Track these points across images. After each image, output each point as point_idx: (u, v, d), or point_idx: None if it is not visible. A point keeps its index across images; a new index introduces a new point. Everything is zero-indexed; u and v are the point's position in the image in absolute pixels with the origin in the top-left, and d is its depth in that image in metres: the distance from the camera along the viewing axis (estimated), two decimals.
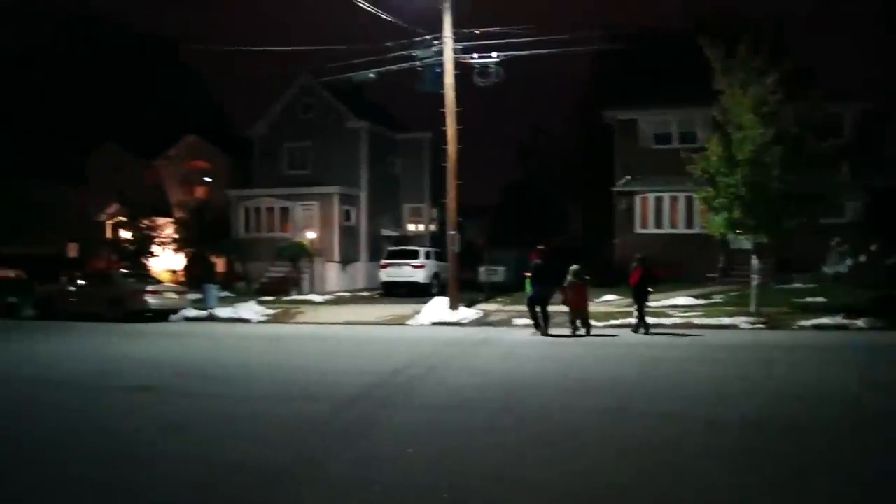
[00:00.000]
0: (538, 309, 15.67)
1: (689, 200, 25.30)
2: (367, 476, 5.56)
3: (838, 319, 16.32)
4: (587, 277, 15.71)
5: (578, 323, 15.56)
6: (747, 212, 17.32)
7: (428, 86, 21.77)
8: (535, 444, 6.43)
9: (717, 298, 20.96)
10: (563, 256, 18.41)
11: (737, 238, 19.43)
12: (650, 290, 16.21)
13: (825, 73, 26.22)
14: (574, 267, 15.62)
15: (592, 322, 15.96)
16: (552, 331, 15.64)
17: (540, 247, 16.48)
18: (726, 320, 17.12)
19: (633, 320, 16.62)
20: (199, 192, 38.51)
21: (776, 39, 17.53)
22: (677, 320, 17.53)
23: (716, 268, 25.40)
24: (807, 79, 17.94)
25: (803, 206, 17.20)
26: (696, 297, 21.00)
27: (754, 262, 18.11)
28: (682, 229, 27.08)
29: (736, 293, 20.95)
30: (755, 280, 17.93)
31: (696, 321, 17.34)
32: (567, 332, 15.56)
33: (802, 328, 16.18)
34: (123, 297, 21.48)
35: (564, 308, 15.80)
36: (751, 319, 16.99)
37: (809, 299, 19.21)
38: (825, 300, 18.85)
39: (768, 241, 18.20)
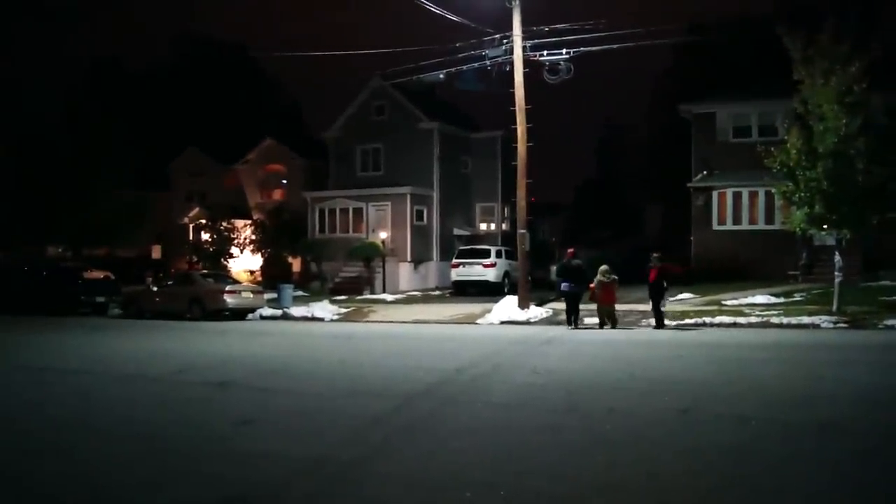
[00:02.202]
0: (572, 304, 17.20)
1: (769, 196, 24.37)
2: (426, 472, 5.60)
3: None
4: (614, 277, 16.84)
5: (606, 319, 16.79)
6: (829, 206, 16.67)
7: (469, 83, 21.83)
8: (598, 444, 6.34)
9: (797, 297, 20.17)
10: (639, 255, 18.16)
11: (819, 234, 18.66)
12: (665, 286, 16.73)
13: None
14: (603, 267, 16.85)
15: (666, 321, 16.63)
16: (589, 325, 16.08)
17: (570, 248, 18.51)
18: (806, 319, 16.49)
19: (709, 318, 16.65)
20: (276, 194, 39.56)
21: (865, 23, 16.78)
22: (754, 319, 16.99)
23: (797, 265, 24.42)
24: None
25: (890, 200, 16.41)
26: (775, 295, 20.28)
27: (837, 258, 17.36)
28: (761, 225, 26.06)
29: (818, 291, 20.10)
30: (838, 277, 17.18)
31: (775, 320, 16.77)
32: (600, 326, 16.90)
33: (889, 328, 15.43)
34: (203, 297, 22.26)
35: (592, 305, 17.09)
36: (832, 318, 16.29)
37: None
38: None
39: (852, 236, 17.42)
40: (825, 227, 17.39)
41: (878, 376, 9.66)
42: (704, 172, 27.51)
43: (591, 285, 16.99)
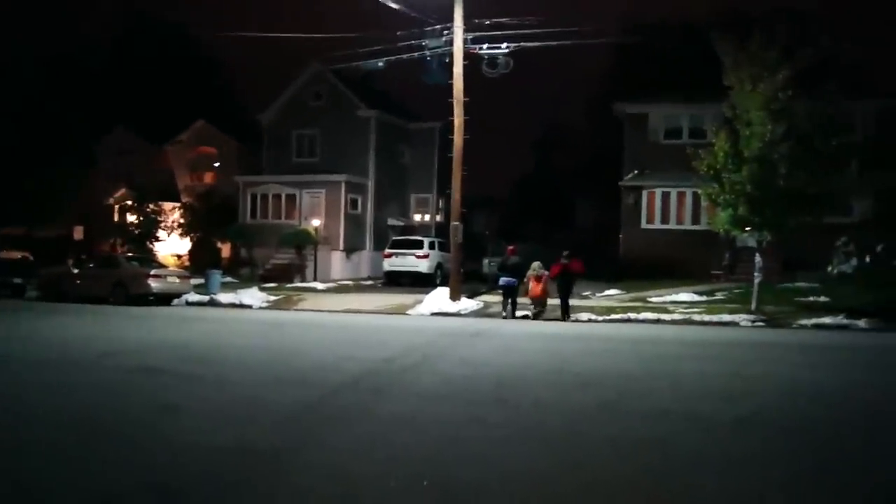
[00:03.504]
0: (508, 297, 18.41)
1: (696, 197, 25.17)
2: (351, 462, 5.56)
3: (840, 319, 16.24)
4: (545, 272, 18.15)
5: (537, 306, 18.21)
6: (752, 209, 17.26)
7: (435, 76, 21.74)
8: (525, 435, 6.41)
9: (719, 295, 20.92)
10: (569, 250, 18.56)
11: (742, 235, 19.35)
12: (571, 283, 18.21)
13: (851, 67, 25.96)
14: (535, 263, 18.10)
15: (593, 316, 17.91)
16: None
17: (510, 246, 19.62)
18: (726, 317, 17.10)
19: (633, 315, 17.33)
20: (207, 177, 38.67)
21: (795, 32, 17.34)
22: (677, 316, 17.49)
23: (721, 265, 25.31)
24: (823, 74, 17.80)
25: (810, 204, 17.10)
26: (699, 293, 20.96)
27: (757, 259, 18.04)
28: (688, 225, 27.07)
29: (739, 290, 20.89)
30: (758, 278, 17.85)
31: (697, 317, 17.31)
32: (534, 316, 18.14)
33: (803, 327, 16.11)
34: (127, 281, 21.59)
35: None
36: (751, 317, 16.93)
37: (812, 299, 19.14)
38: (828, 300, 18.77)
39: (773, 239, 18.12)
40: (748, 228, 18.02)
41: (794, 372, 10.05)
42: (636, 172, 28.25)
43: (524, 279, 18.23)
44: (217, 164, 38.50)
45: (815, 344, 13.56)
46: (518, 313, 18.46)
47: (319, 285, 27.46)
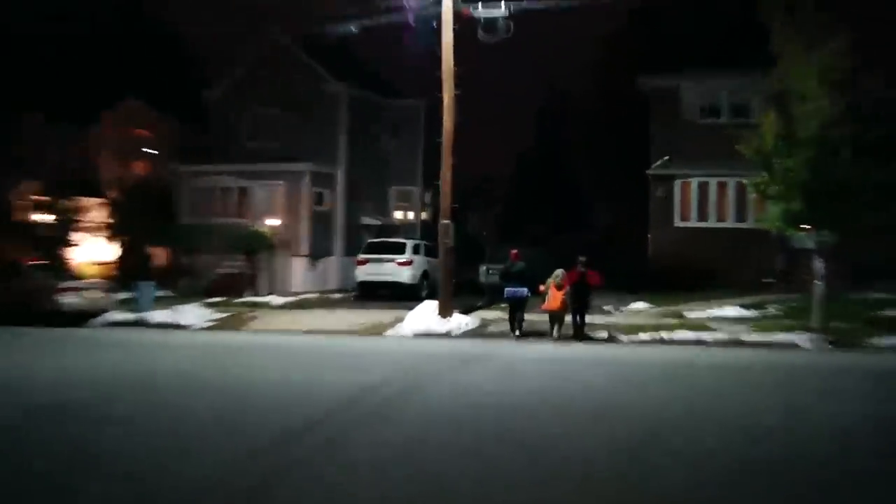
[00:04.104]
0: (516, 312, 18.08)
1: (742, 188, 24.88)
2: None
3: None
4: (562, 284, 17.66)
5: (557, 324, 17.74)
6: (809, 203, 17.00)
7: (421, 40, 21.42)
8: (530, 479, 6.11)
9: (772, 309, 20.66)
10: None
11: (798, 235, 19.04)
12: (587, 295, 17.85)
13: None
14: (558, 271, 17.71)
15: (621, 336, 17.72)
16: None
17: (513, 250, 19.21)
18: (782, 337, 16.87)
19: (666, 334, 17.35)
20: (139, 167, 38.20)
21: None
22: (721, 335, 17.23)
23: (773, 271, 24.96)
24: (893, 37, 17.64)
25: (884, 197, 16.81)
26: (747, 306, 20.73)
27: (818, 265, 17.76)
28: (732, 223, 26.77)
29: (796, 304, 20.55)
30: (819, 287, 17.57)
31: (745, 337, 17.10)
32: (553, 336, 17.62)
33: (879, 350, 15.88)
34: (31, 295, 21.17)
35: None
36: (812, 336, 16.66)
37: (891, 313, 18.83)
38: None
39: (838, 240, 17.83)
40: (804, 226, 17.75)
41: (870, 408, 9.69)
42: (666, 158, 27.96)
43: (542, 288, 17.84)
44: (151, 151, 38.07)
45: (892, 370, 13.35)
46: (519, 329, 18.09)
47: (276, 300, 27.03)
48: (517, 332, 17.97)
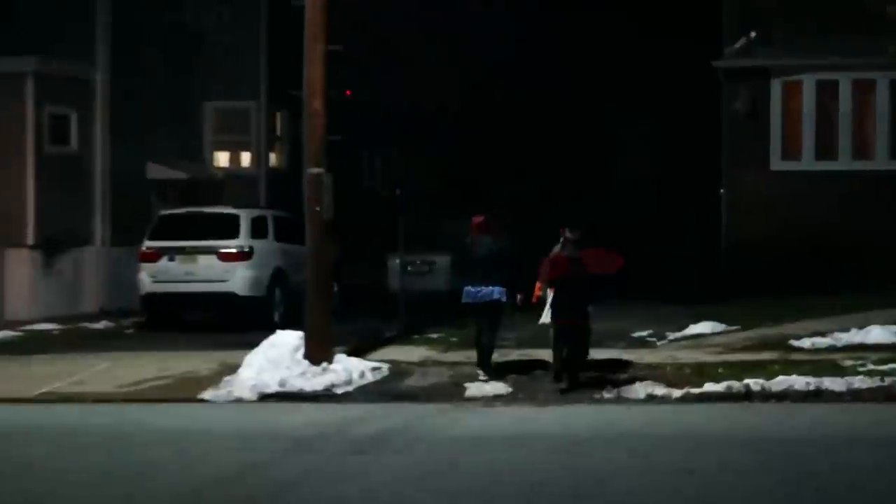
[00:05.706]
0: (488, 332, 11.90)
1: None
2: None
3: None
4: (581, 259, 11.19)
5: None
6: None
7: None
8: None
9: None
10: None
11: None
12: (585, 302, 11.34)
13: None
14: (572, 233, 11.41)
15: (655, 388, 11.27)
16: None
17: (478, 217, 12.13)
18: None
19: (755, 382, 11.16)
20: None
21: None
22: (862, 382, 11.47)
23: None
24: None
25: None
26: None
27: None
28: (881, 163, 18.43)
29: None
30: None
31: None
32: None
33: None
34: None
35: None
36: None
37: None
38: None
39: None
40: None
41: None
42: (752, 34, 19.09)
43: (537, 291, 11.78)
44: None
45: None
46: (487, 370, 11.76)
47: None
48: (485, 373, 11.76)
